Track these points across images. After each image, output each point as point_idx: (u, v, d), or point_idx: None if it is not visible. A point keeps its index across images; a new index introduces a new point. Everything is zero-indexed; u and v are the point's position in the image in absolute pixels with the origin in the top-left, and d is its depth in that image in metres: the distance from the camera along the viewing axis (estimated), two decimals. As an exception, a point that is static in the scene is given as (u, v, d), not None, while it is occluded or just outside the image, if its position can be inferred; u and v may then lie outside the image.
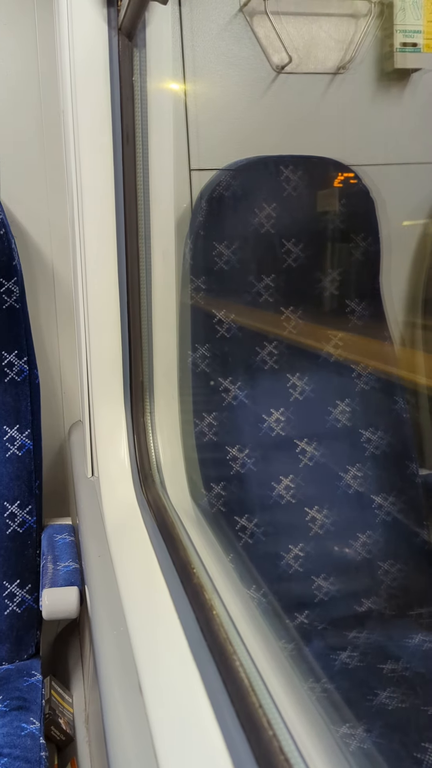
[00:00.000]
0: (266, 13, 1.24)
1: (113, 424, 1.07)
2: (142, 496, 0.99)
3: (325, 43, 1.29)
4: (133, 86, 0.95)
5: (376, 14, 1.29)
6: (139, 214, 1.01)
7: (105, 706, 0.63)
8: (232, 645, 0.62)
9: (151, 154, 1.00)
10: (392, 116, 1.36)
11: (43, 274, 1.35)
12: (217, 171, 1.20)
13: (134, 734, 0.57)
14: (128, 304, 1.04)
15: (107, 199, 0.99)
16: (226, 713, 0.54)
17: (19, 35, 1.24)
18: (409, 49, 1.29)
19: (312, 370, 1.24)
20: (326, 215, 1.22)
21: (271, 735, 0.51)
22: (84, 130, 0.96)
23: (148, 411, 1.09)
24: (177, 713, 0.57)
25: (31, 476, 1.17)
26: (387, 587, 1.22)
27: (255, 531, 1.17)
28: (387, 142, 1.37)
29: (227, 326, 1.19)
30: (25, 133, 1.28)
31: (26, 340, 1.17)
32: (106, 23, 0.92)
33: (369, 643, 1.11)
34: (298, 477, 1.20)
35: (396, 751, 0.88)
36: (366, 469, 1.24)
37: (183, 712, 0.57)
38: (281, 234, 1.20)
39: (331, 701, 0.98)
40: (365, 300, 1.26)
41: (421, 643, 1.10)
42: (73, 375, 1.41)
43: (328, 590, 1.19)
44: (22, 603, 1.15)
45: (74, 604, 0.99)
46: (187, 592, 0.72)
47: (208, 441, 1.17)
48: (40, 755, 0.93)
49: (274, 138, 1.31)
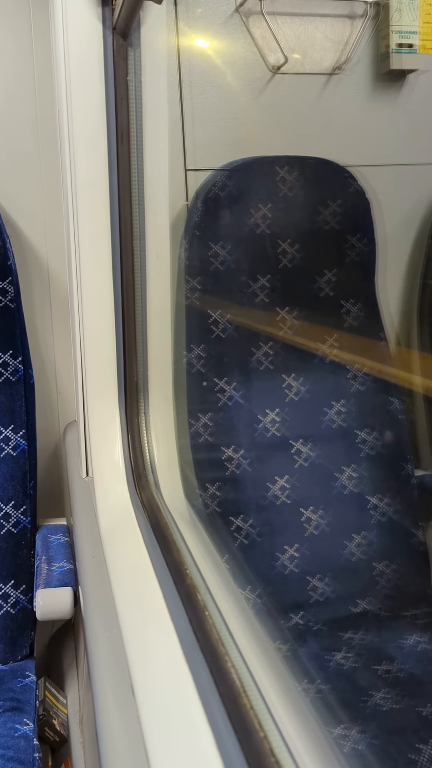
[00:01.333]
0: (262, 13, 1.24)
1: (108, 424, 1.06)
2: (137, 497, 0.99)
3: (321, 44, 1.29)
4: (127, 86, 0.95)
5: (372, 15, 1.29)
6: (134, 214, 1.01)
7: (97, 707, 0.62)
8: (224, 646, 0.62)
9: (146, 153, 0.99)
10: (388, 117, 1.36)
11: (38, 274, 1.35)
12: (213, 171, 1.20)
13: (126, 735, 0.57)
14: (123, 304, 1.03)
15: (102, 199, 0.99)
16: (217, 714, 0.54)
17: (14, 34, 1.24)
18: (405, 50, 1.29)
19: (307, 370, 1.24)
20: (322, 216, 1.22)
21: (262, 737, 0.50)
22: (79, 130, 0.96)
23: (142, 411, 1.09)
24: (168, 714, 0.57)
25: (25, 476, 1.17)
26: (382, 588, 1.22)
27: (250, 531, 1.17)
28: (383, 143, 1.37)
29: (223, 326, 1.19)
30: (20, 132, 1.28)
31: (21, 340, 1.17)
32: (101, 22, 0.92)
33: (364, 644, 1.11)
34: (293, 477, 1.20)
35: (390, 753, 0.88)
36: (361, 469, 1.24)
37: (174, 713, 0.56)
38: (277, 234, 1.20)
39: (326, 702, 0.98)
40: (360, 301, 1.26)
41: (415, 644, 1.10)
42: (68, 375, 1.41)
43: (323, 591, 1.19)
44: (16, 604, 1.15)
45: (68, 604, 0.99)
46: (180, 593, 0.72)
47: (203, 441, 1.16)
48: (34, 756, 0.93)
49: (269, 138, 1.31)
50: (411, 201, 1.40)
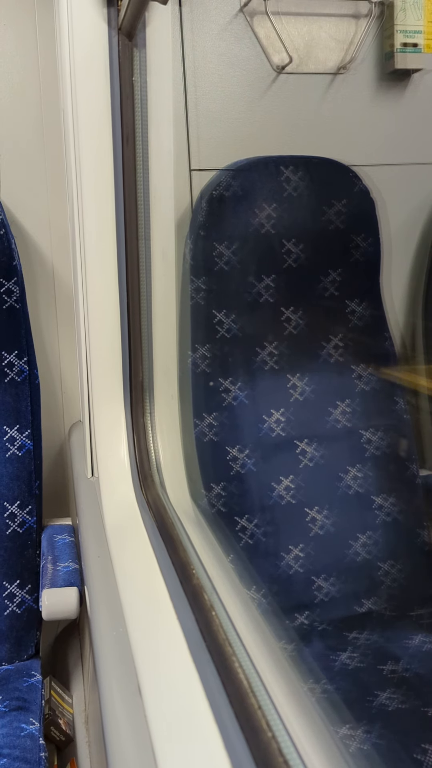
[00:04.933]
0: (267, 13, 1.24)
1: (113, 424, 1.07)
2: (142, 497, 0.99)
3: (326, 44, 1.29)
4: (133, 86, 0.95)
5: (377, 15, 1.29)
6: (139, 214, 1.01)
7: (104, 706, 0.62)
8: (231, 646, 0.62)
9: (151, 154, 0.99)
10: (392, 116, 1.36)
11: (43, 274, 1.35)
12: (218, 171, 1.20)
13: (133, 735, 0.57)
14: (128, 305, 1.03)
15: (107, 199, 0.99)
16: (224, 714, 0.54)
17: (19, 35, 1.24)
18: (410, 49, 1.29)
19: (312, 370, 1.24)
20: (326, 216, 1.21)
21: (270, 736, 0.50)
22: (84, 130, 0.96)
23: (148, 411, 1.09)
24: (176, 714, 0.57)
25: (31, 476, 1.17)
26: (387, 588, 1.22)
27: (255, 531, 1.17)
28: (387, 143, 1.37)
29: (227, 326, 1.19)
30: (26, 132, 1.28)
31: (26, 340, 1.17)
32: (106, 23, 0.92)
33: (369, 644, 1.11)
34: (298, 477, 1.20)
35: (396, 753, 0.88)
36: (366, 469, 1.24)
37: (182, 713, 0.56)
38: (281, 234, 1.20)
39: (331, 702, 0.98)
40: (365, 300, 1.26)
41: (421, 644, 1.10)
42: (73, 375, 1.41)
43: (329, 591, 1.19)
44: (21, 603, 1.15)
45: (74, 604, 0.99)
46: (186, 593, 0.72)
47: (208, 441, 1.16)
48: (40, 756, 0.93)
49: (274, 138, 1.31)
50: (416, 200, 1.40)
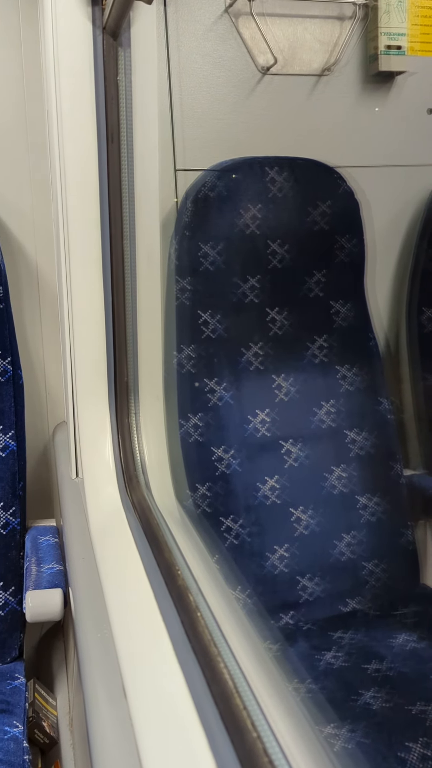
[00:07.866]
0: (251, 14, 1.24)
1: (98, 425, 1.06)
2: (127, 498, 0.99)
3: (311, 46, 1.29)
4: (117, 85, 0.95)
5: (361, 17, 1.30)
6: (124, 214, 1.01)
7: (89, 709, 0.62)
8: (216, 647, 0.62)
9: (136, 153, 0.99)
10: (376, 119, 1.36)
11: (27, 274, 1.34)
12: (203, 172, 1.20)
13: (118, 737, 0.56)
14: (113, 305, 1.03)
15: (92, 199, 0.98)
16: (210, 715, 0.54)
17: (2, 33, 1.23)
18: (394, 51, 1.30)
19: (297, 371, 1.24)
20: (311, 216, 1.22)
21: (255, 737, 0.50)
22: (68, 129, 0.95)
23: (132, 412, 1.09)
24: (161, 715, 0.57)
25: (14, 477, 1.16)
26: (372, 587, 1.23)
27: (240, 532, 1.17)
28: (371, 145, 1.38)
29: (213, 327, 1.19)
30: (9, 131, 1.27)
31: (10, 340, 1.16)
32: (91, 22, 0.92)
33: (353, 643, 1.12)
34: (283, 478, 1.20)
35: (380, 751, 0.89)
36: (351, 469, 1.24)
37: (167, 715, 0.56)
38: (266, 235, 1.20)
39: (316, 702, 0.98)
40: (350, 301, 1.27)
41: (405, 642, 1.10)
42: (58, 376, 1.40)
43: (313, 591, 1.19)
44: (5, 605, 1.14)
45: (58, 606, 0.99)
46: (171, 594, 0.72)
47: (194, 442, 1.16)
48: (24, 759, 0.93)
49: (259, 139, 1.31)
50: (400, 202, 1.41)
